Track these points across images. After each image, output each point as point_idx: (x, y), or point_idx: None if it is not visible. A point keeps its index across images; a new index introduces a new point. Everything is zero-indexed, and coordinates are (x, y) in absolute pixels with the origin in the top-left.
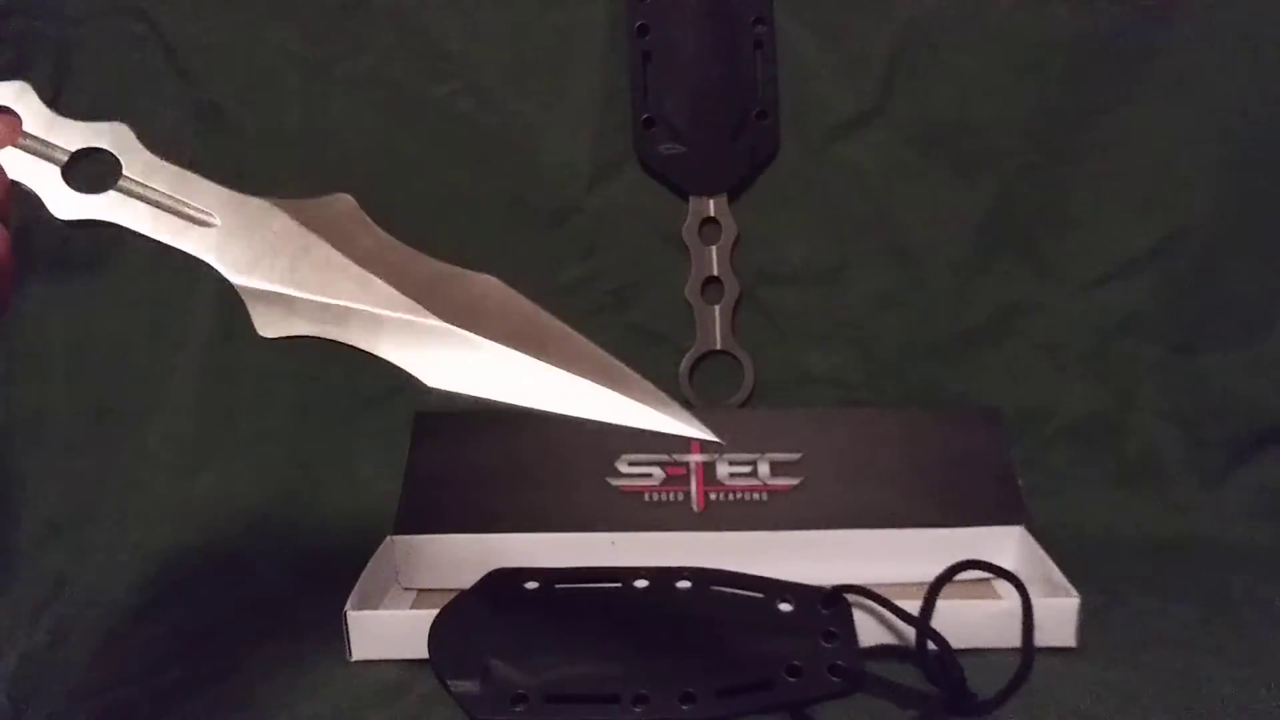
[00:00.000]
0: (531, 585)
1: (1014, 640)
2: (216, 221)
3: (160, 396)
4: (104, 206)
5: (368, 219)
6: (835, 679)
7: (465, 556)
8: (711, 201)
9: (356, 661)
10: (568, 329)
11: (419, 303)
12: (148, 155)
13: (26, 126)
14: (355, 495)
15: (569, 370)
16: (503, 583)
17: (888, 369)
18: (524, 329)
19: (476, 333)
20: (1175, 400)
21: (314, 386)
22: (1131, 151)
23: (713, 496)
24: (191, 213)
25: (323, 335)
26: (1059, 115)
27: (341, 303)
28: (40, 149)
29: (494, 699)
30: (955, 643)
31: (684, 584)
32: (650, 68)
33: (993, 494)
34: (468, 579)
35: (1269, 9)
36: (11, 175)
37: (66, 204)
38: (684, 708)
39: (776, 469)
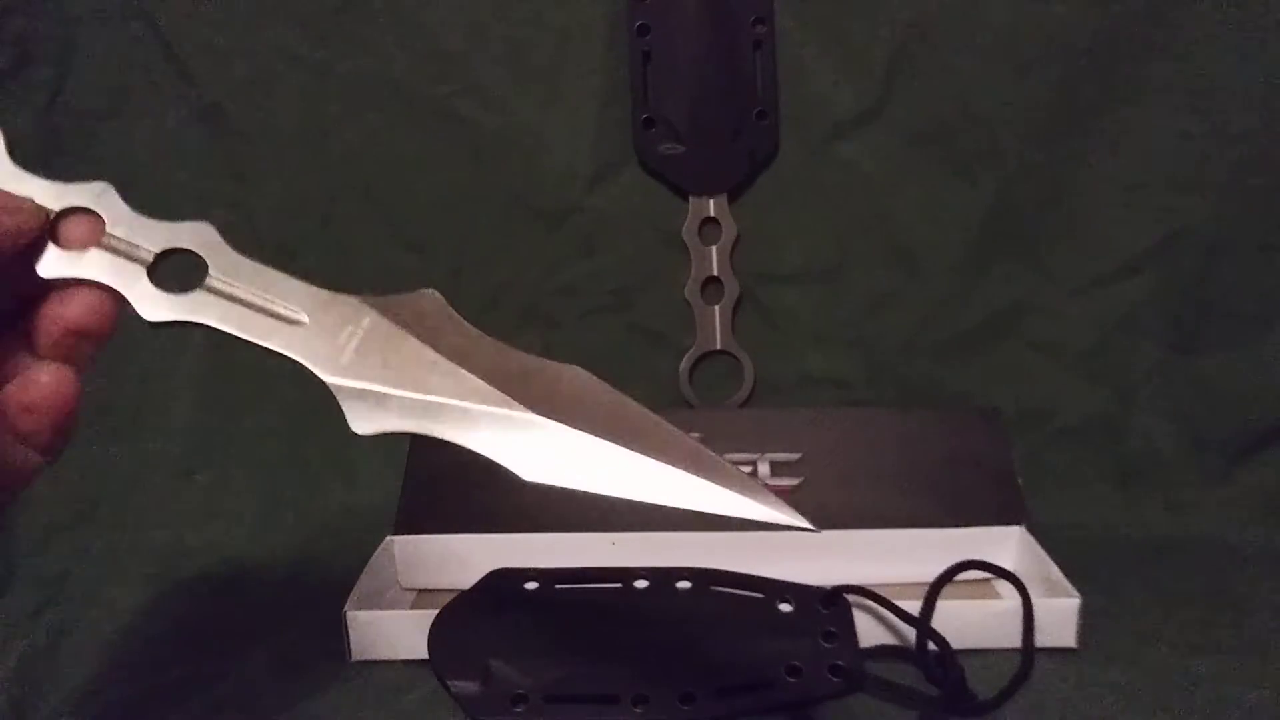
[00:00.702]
0: (531, 585)
1: (1014, 640)
2: (305, 319)
3: (160, 396)
4: (192, 307)
5: (454, 313)
6: (835, 679)
7: (465, 556)
8: (711, 201)
9: (356, 661)
10: (656, 417)
11: (510, 395)
12: (233, 254)
13: (109, 227)
14: (355, 495)
15: (662, 460)
16: (503, 583)
17: (888, 369)
18: (614, 419)
19: (569, 424)
20: (1175, 400)
21: (314, 386)
22: (1131, 151)
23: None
24: (280, 311)
25: (416, 430)
26: (1059, 115)
27: (434, 398)
28: (124, 249)
29: (494, 699)
30: (955, 643)
31: (684, 584)
32: (650, 68)
33: (993, 494)
34: (468, 579)
35: (1269, 9)
36: (97, 277)
37: (154, 306)
38: (684, 708)
39: (776, 469)
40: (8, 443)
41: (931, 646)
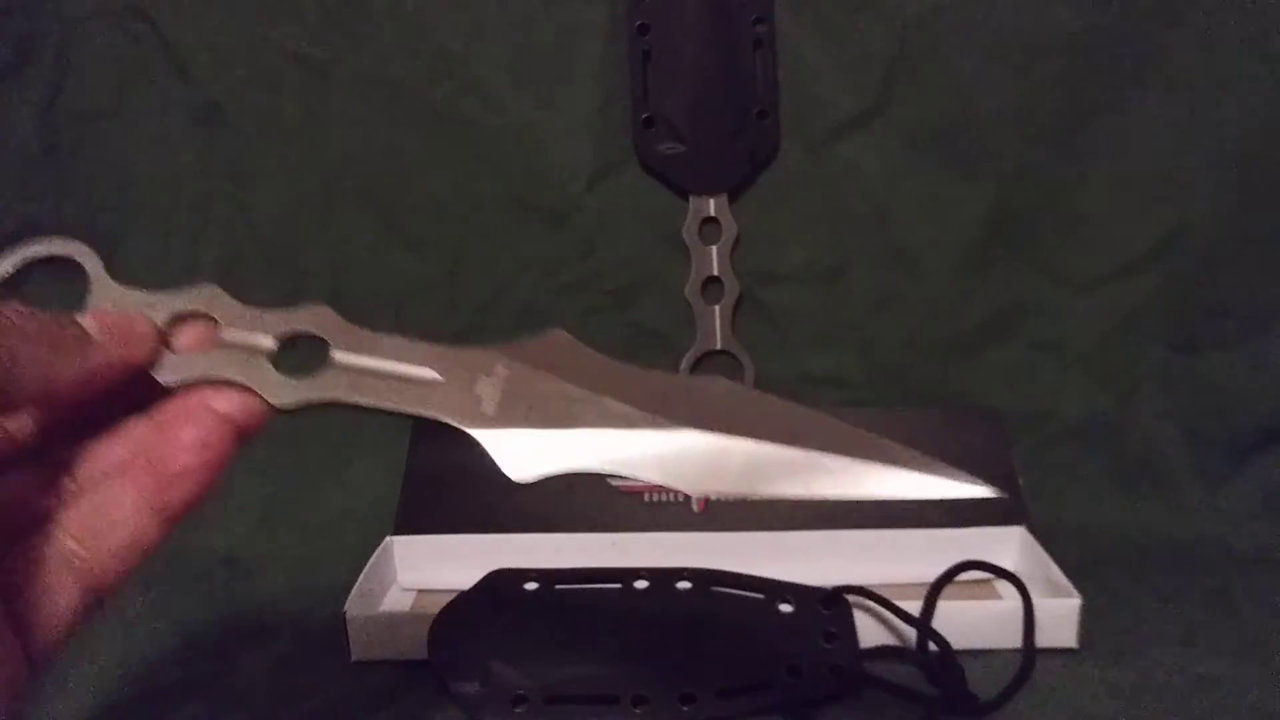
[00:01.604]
0: (531, 585)
1: (1015, 641)
2: (438, 378)
3: None
4: (323, 387)
5: (584, 347)
6: (835, 679)
7: (465, 556)
8: (711, 201)
9: (356, 661)
10: (807, 409)
11: (659, 414)
12: (352, 328)
13: (224, 326)
14: (354, 495)
15: (829, 452)
16: (503, 583)
17: (888, 369)
18: (767, 420)
19: (725, 433)
20: (1176, 400)
21: None
22: (1131, 151)
23: (713, 497)
24: (411, 374)
25: (577, 469)
26: (1059, 115)
27: (586, 432)
28: (243, 344)
29: (494, 700)
30: (956, 643)
31: (684, 584)
32: (650, 68)
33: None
34: (468, 579)
35: (1269, 9)
36: (223, 375)
37: (284, 393)
38: (684, 708)
39: None
40: (61, 575)
41: (932, 647)
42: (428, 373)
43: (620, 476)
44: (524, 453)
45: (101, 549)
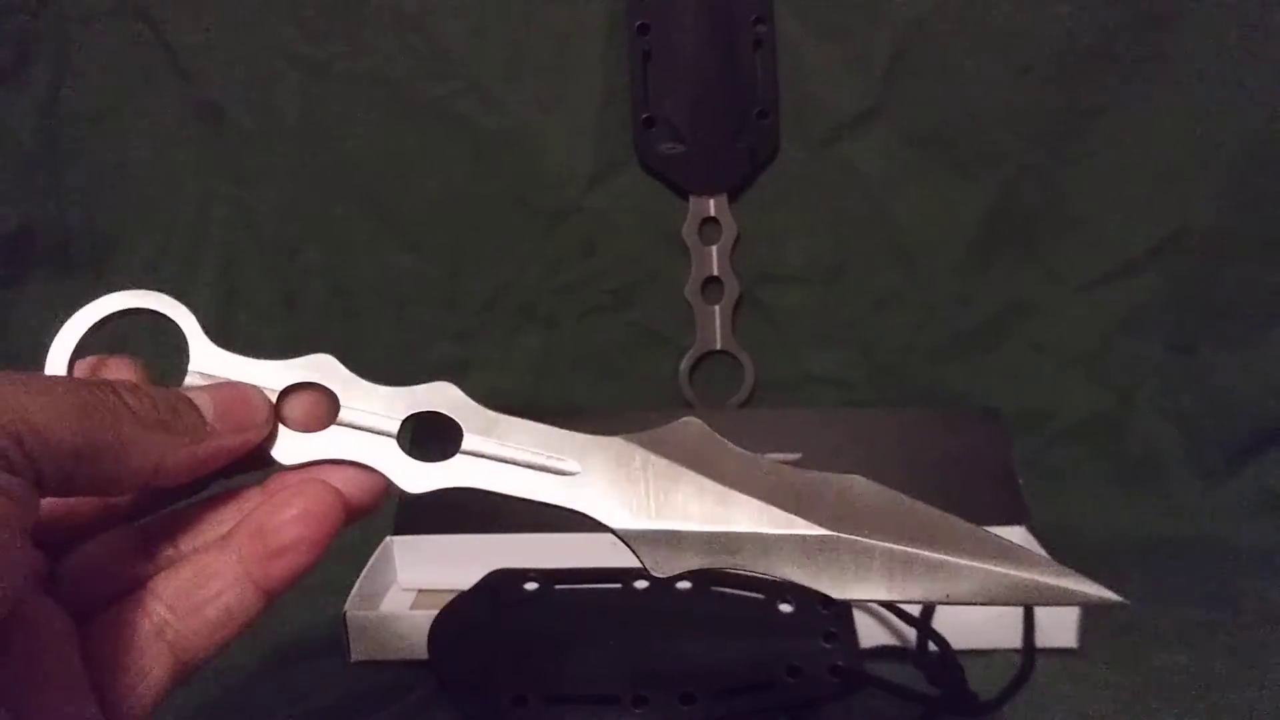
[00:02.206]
0: (531, 585)
1: (1015, 641)
2: (576, 468)
3: None
4: (457, 473)
5: (719, 437)
6: (835, 679)
7: (465, 556)
8: (711, 201)
9: (356, 662)
10: (945, 515)
11: (799, 515)
12: (482, 409)
13: (344, 401)
14: None
15: (966, 559)
16: (503, 583)
17: (888, 369)
18: (906, 524)
19: (864, 536)
20: (1175, 400)
21: None
22: (1131, 151)
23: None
24: (547, 463)
25: (717, 566)
26: (1059, 115)
27: (727, 530)
28: (365, 422)
29: (494, 699)
30: (956, 643)
31: (684, 584)
32: (650, 68)
33: (993, 494)
34: (468, 579)
35: (1269, 9)
36: (348, 457)
37: (415, 478)
38: (684, 708)
39: None
40: (152, 644)
41: (932, 647)
42: (565, 462)
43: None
44: (666, 550)
45: (197, 620)
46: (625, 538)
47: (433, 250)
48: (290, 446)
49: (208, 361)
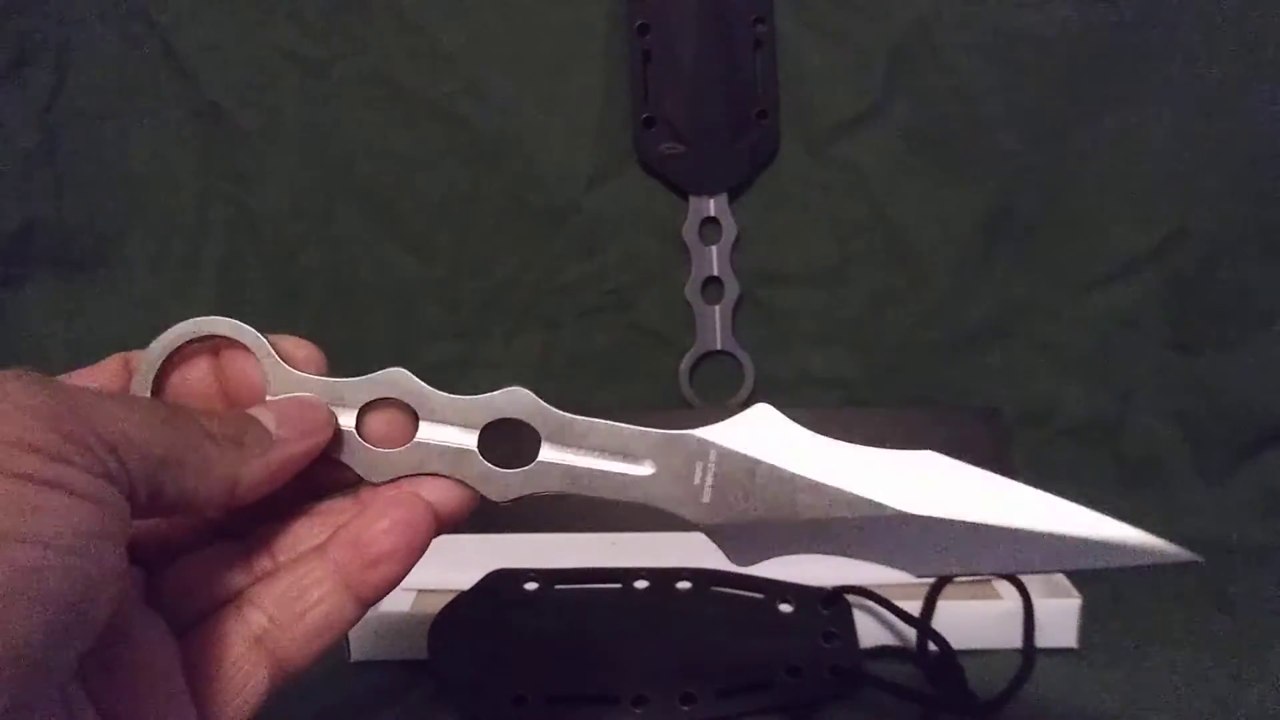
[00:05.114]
0: (531, 585)
1: (1015, 641)
2: (651, 466)
3: None
4: (539, 479)
5: (791, 422)
6: (835, 679)
7: (465, 556)
8: (711, 201)
9: (356, 661)
10: (1013, 483)
11: (873, 496)
12: (556, 412)
13: (422, 416)
14: None
15: (1037, 526)
16: (503, 583)
17: (888, 369)
18: (976, 496)
19: (943, 514)
20: (1175, 400)
21: None
22: (1131, 151)
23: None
24: (623, 462)
25: (802, 552)
26: (1059, 115)
27: (804, 516)
28: (445, 435)
29: (494, 700)
30: (956, 643)
31: (684, 584)
32: (650, 68)
33: None
34: (468, 579)
35: (1268, 9)
36: (433, 469)
37: (498, 486)
38: (684, 708)
39: None
40: (250, 653)
41: (932, 647)
42: (641, 461)
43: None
44: (746, 543)
45: (297, 629)
46: (707, 532)
47: (433, 250)
48: (375, 463)
49: (283, 382)
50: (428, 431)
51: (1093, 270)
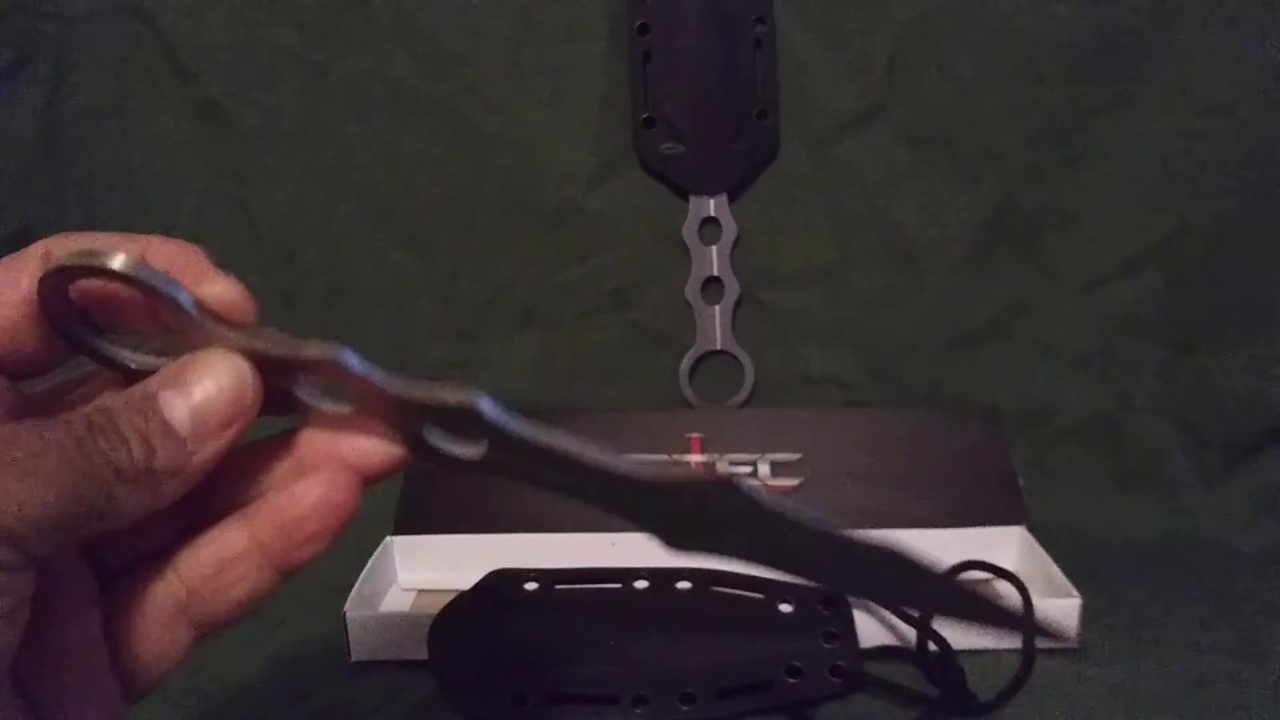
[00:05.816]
0: (531, 585)
1: (1015, 641)
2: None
3: None
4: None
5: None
6: (835, 679)
7: (465, 556)
8: (711, 201)
9: (356, 662)
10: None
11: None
12: (517, 433)
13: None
14: None
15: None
16: (503, 583)
17: (888, 369)
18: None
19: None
20: (1176, 400)
21: None
22: (1131, 151)
23: None
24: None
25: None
26: (1059, 115)
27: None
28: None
29: (494, 700)
30: (956, 643)
31: (684, 584)
32: (650, 68)
33: (993, 494)
34: (468, 579)
35: (1268, 9)
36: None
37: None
38: (684, 708)
39: (776, 469)
40: (171, 615)
41: (932, 647)
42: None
43: None
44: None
45: (220, 601)
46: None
47: (432, 250)
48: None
49: (206, 337)
50: (431, 443)
51: (1093, 270)
